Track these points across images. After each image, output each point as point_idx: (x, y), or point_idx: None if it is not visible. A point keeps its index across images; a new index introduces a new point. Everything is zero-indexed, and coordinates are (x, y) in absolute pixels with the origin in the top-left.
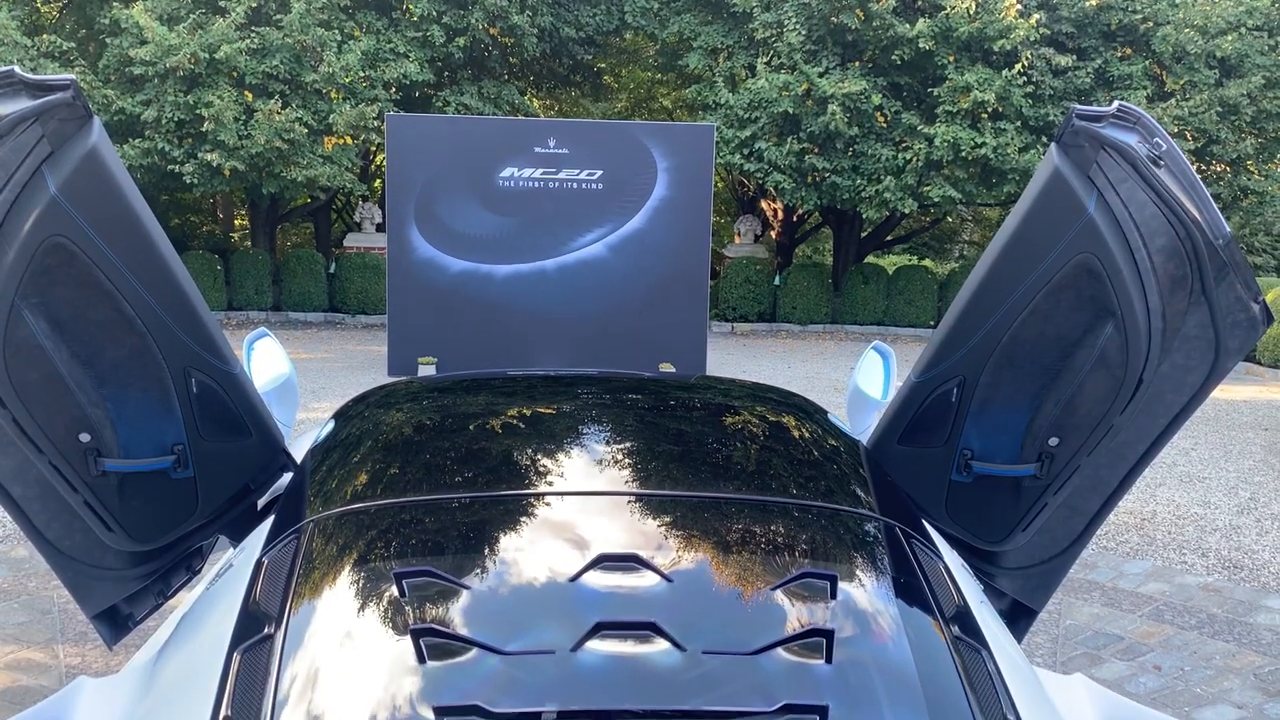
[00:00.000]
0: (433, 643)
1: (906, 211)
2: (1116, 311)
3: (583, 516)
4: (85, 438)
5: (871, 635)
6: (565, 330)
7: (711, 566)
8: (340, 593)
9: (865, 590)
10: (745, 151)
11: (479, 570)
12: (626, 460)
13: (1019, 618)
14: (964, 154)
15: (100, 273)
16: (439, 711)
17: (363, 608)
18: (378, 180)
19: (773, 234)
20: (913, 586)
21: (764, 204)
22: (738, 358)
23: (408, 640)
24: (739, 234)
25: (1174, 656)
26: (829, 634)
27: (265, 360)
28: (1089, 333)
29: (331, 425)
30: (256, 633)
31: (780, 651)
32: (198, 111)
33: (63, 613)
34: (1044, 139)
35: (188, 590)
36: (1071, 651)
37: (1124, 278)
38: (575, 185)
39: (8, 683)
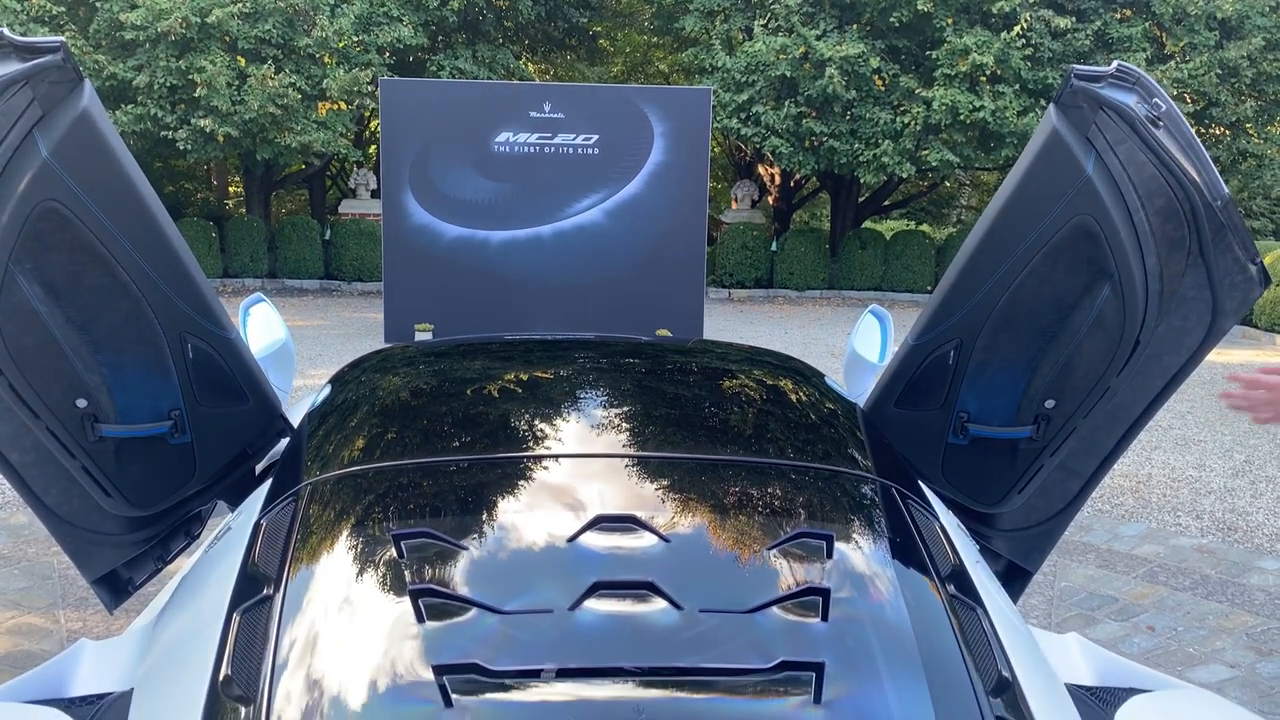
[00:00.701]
0: (431, 603)
1: (904, 176)
2: (1114, 273)
3: (580, 478)
4: (82, 403)
5: (867, 593)
6: (561, 297)
7: (708, 527)
8: (338, 554)
9: (861, 549)
10: (742, 115)
11: (477, 531)
12: (623, 423)
13: (1014, 579)
14: (962, 118)
15: (94, 237)
16: (437, 670)
17: (361, 568)
18: (372, 146)
19: (770, 199)
20: (908, 546)
21: (761, 169)
22: (735, 324)
23: (406, 600)
24: (736, 199)
25: (1167, 617)
26: (825, 592)
27: (261, 326)
28: (1086, 295)
29: (328, 390)
30: (255, 594)
31: (777, 610)
32: (190, 77)
33: (63, 578)
34: (1043, 102)
35: (187, 555)
36: (1066, 612)
37: (1121, 240)
38: (571, 150)
39: (9, 647)
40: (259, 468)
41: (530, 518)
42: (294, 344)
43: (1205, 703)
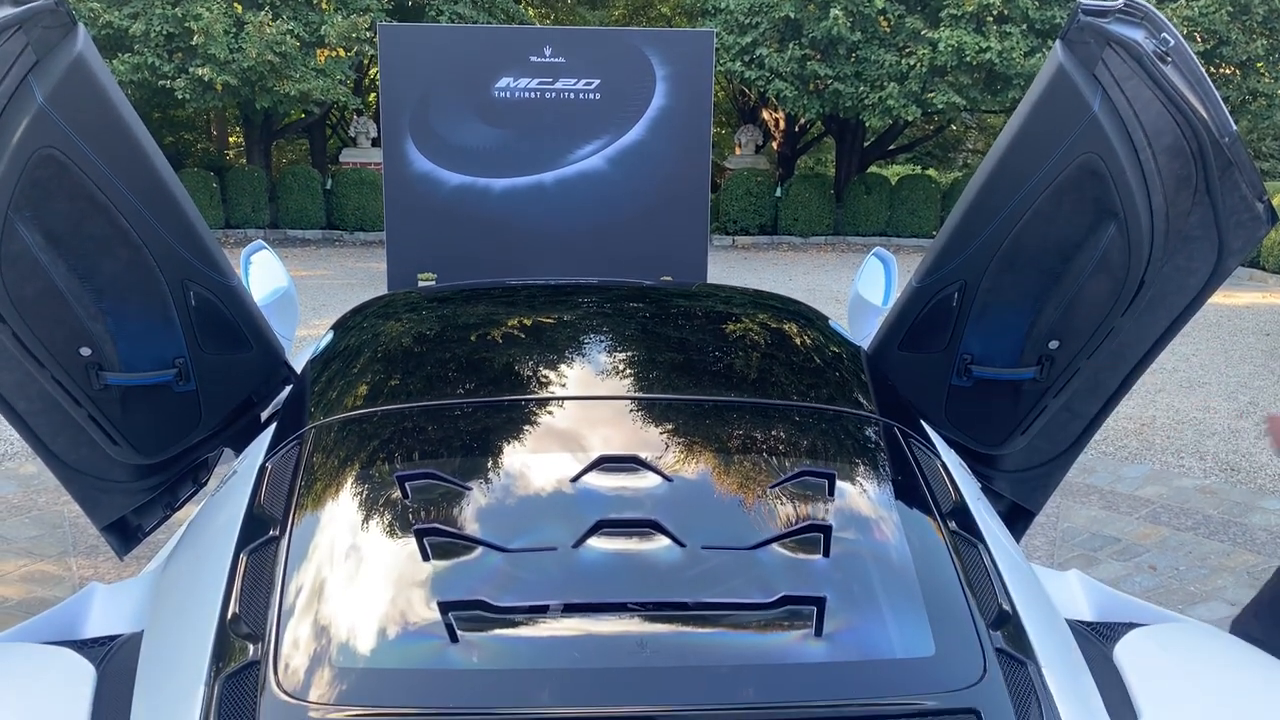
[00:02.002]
0: (435, 542)
1: (910, 119)
2: (1119, 213)
3: (583, 420)
4: (86, 352)
5: (869, 530)
6: (564, 245)
7: (711, 467)
8: (343, 495)
9: (863, 487)
10: (746, 58)
11: (480, 472)
12: (627, 365)
13: (1017, 520)
14: (968, 59)
15: (92, 184)
16: (443, 606)
17: (366, 509)
18: (372, 94)
19: (774, 145)
20: (910, 483)
21: (765, 114)
22: (739, 271)
23: (411, 540)
24: (739, 145)
25: (1169, 556)
26: (826, 529)
27: (263, 273)
28: (1091, 234)
29: (331, 336)
30: (262, 535)
31: (779, 546)
32: (186, 24)
33: (73, 526)
34: (1050, 42)
35: (195, 502)
36: (1068, 553)
37: (1127, 178)
38: (572, 95)
39: (23, 594)
40: (264, 415)
41: (534, 459)
42: (296, 292)
43: (1203, 634)
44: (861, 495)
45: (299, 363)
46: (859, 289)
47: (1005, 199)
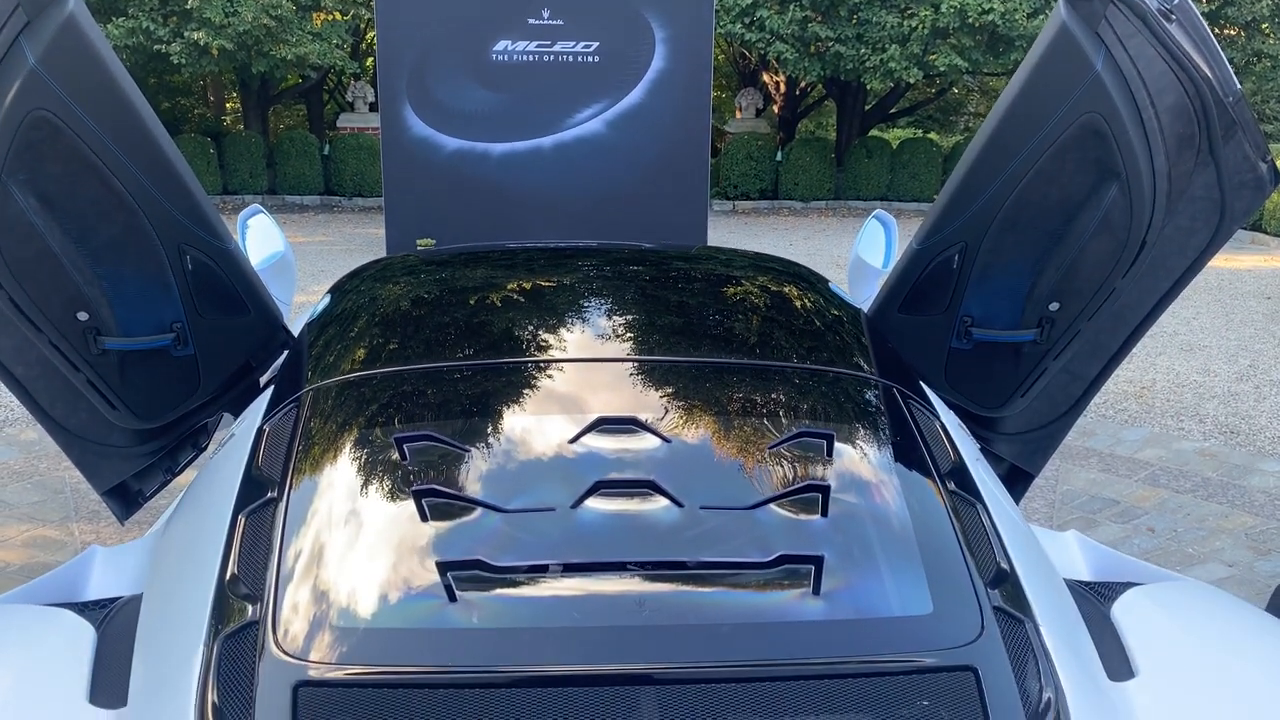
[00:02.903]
0: (434, 503)
1: (911, 82)
2: (1121, 173)
3: (582, 382)
4: (83, 316)
5: (867, 490)
6: (563, 210)
7: (710, 428)
8: (341, 457)
9: (861, 448)
10: (746, 20)
11: (479, 434)
12: (626, 327)
13: (1016, 482)
14: (971, 20)
15: (87, 147)
16: (441, 567)
17: (364, 470)
18: (369, 58)
19: (775, 108)
20: (909, 444)
21: (766, 77)
22: (739, 236)
23: (409, 500)
24: (740, 109)
25: (1168, 519)
26: (825, 489)
27: (260, 238)
28: (1093, 195)
29: (328, 299)
30: (260, 497)
31: (777, 506)
32: None
33: (75, 492)
34: (1053, 4)
35: (195, 467)
36: (1067, 515)
37: (1130, 138)
38: (571, 58)
39: (25, 559)
40: (263, 380)
41: (532, 420)
42: (294, 256)
43: (1201, 593)
44: (860, 456)
45: (297, 328)
46: (859, 251)
47: (1007, 160)
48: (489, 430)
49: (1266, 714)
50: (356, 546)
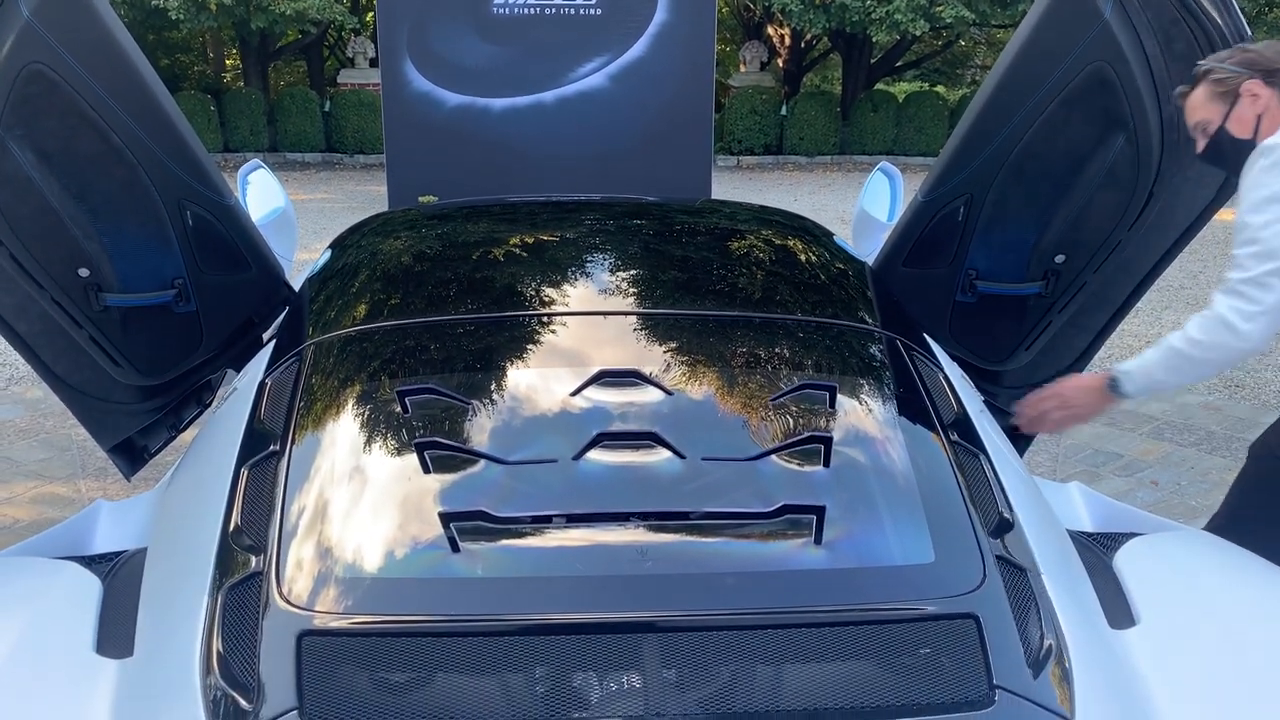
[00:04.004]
0: (436, 455)
1: (918, 34)
2: (1129, 123)
3: (584, 335)
4: (84, 273)
5: (869, 441)
6: (566, 165)
7: (712, 380)
8: (343, 410)
9: (864, 399)
10: None
11: (481, 387)
12: (628, 280)
13: (1020, 436)
14: None
15: (84, 101)
16: (444, 518)
17: (366, 423)
18: (370, 13)
19: (779, 62)
20: (912, 395)
21: (770, 29)
22: (744, 192)
23: (411, 452)
24: (744, 62)
25: (1171, 472)
26: (827, 440)
27: (260, 193)
28: (1100, 146)
29: (329, 254)
30: (262, 449)
31: (779, 457)
32: None
33: (81, 449)
34: None
35: (199, 424)
36: (1071, 469)
37: (1138, 87)
38: (572, 11)
39: (34, 516)
40: (266, 336)
41: (534, 373)
42: (295, 212)
43: (1203, 542)
44: (863, 407)
45: (299, 285)
46: (864, 204)
47: (1013, 110)
48: (490, 383)
49: (1267, 661)
50: (359, 498)
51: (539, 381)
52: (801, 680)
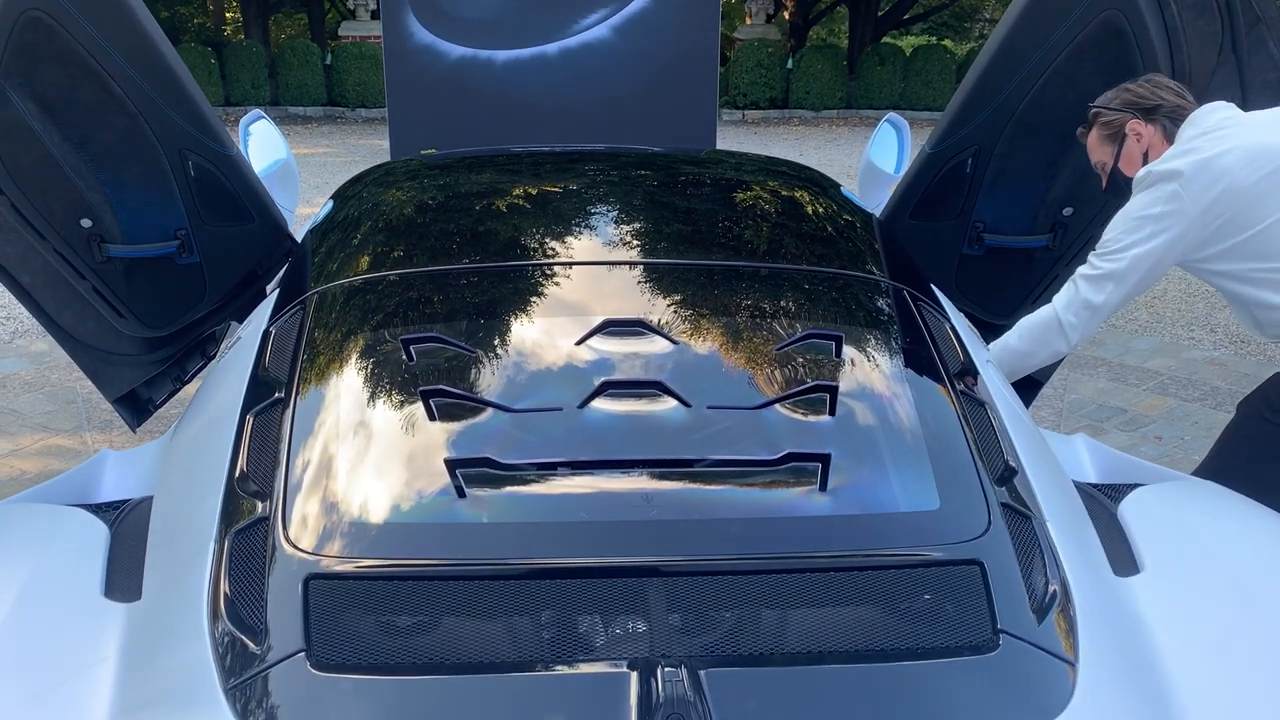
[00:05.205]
0: (441, 403)
1: None
2: (1141, 72)
3: (588, 284)
4: (87, 224)
5: (875, 389)
6: (570, 119)
7: (718, 330)
8: (348, 358)
9: (870, 348)
10: None
11: (485, 336)
12: (634, 229)
13: (1024, 390)
14: None
15: (83, 49)
16: (449, 464)
17: (370, 371)
18: None
19: (785, 14)
20: (918, 344)
21: None
22: (749, 147)
23: (416, 400)
24: (749, 14)
25: (1175, 427)
26: (833, 389)
27: (262, 144)
28: None
29: (331, 204)
30: (268, 397)
31: (785, 406)
32: None
33: (86, 402)
34: None
35: (204, 376)
36: (1075, 423)
37: (1150, 35)
38: None
39: (40, 468)
40: (270, 287)
41: (538, 322)
42: (296, 164)
43: (1207, 491)
44: (868, 356)
45: (301, 237)
46: (871, 157)
47: (1024, 59)
48: (495, 332)
49: (1270, 608)
50: (364, 444)
51: (544, 330)
52: (806, 625)
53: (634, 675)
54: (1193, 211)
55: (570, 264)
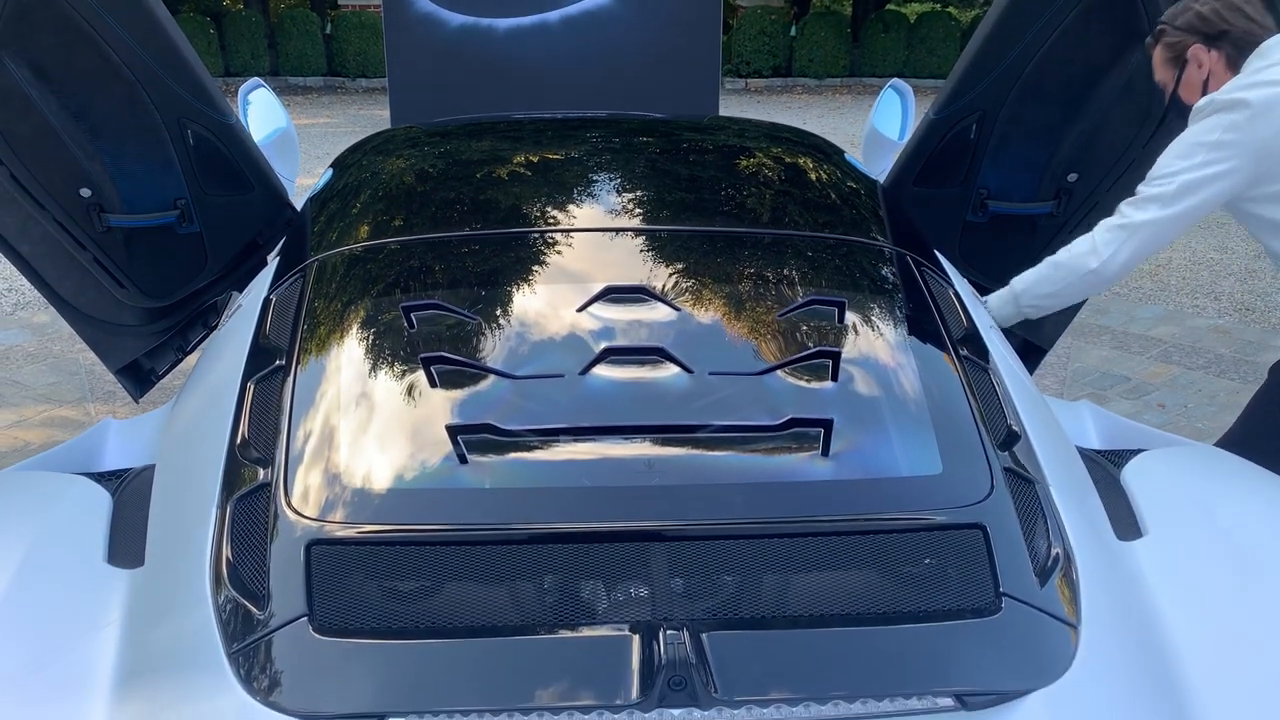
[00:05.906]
0: (442, 370)
1: None
2: (1147, 34)
3: (590, 251)
4: (86, 193)
5: (878, 355)
6: (572, 88)
7: (720, 296)
8: (348, 324)
9: (873, 314)
10: None
11: (486, 303)
12: (636, 196)
13: (1028, 357)
14: None
15: (79, 16)
16: (450, 430)
17: (371, 338)
18: None
19: None
20: (921, 310)
21: None
22: (751, 115)
23: (418, 366)
24: None
25: (1179, 395)
26: (835, 354)
27: (262, 112)
28: (1117, 59)
29: (331, 172)
30: (269, 364)
31: (787, 372)
32: None
33: (89, 373)
34: None
35: (206, 346)
36: (1079, 391)
37: None
38: None
39: (44, 439)
40: (270, 257)
41: (540, 289)
42: (296, 133)
43: (1210, 456)
44: (871, 321)
45: (301, 206)
46: (874, 123)
47: (1028, 23)
48: (496, 299)
49: (1273, 572)
50: (366, 410)
51: (545, 297)
52: (809, 589)
53: (636, 639)
54: (1253, 145)
55: (572, 231)
